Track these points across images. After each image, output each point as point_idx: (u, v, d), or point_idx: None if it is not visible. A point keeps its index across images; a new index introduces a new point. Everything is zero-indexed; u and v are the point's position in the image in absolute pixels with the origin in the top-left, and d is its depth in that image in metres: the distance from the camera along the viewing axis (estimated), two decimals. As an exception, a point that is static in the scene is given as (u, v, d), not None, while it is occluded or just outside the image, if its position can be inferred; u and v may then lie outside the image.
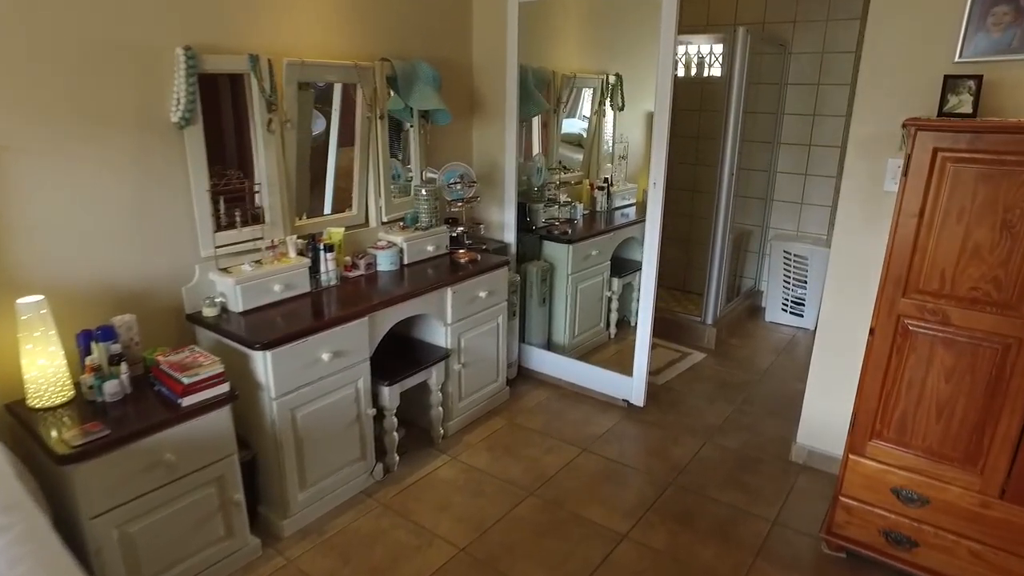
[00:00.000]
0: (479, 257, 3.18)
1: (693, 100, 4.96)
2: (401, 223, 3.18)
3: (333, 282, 2.76)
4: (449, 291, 2.90)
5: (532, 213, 3.83)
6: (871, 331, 2.10)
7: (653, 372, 3.83)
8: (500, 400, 3.42)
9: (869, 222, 2.48)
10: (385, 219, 3.14)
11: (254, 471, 2.38)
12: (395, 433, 2.79)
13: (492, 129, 3.54)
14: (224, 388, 2.08)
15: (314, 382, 2.36)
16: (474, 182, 3.17)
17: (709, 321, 4.24)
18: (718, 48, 4.80)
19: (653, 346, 3.87)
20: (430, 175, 3.26)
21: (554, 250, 3.72)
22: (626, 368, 3.37)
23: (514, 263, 3.59)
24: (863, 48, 2.40)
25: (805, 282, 4.53)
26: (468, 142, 3.64)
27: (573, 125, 4.43)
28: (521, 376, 3.73)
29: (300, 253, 2.69)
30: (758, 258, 4.93)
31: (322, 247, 2.71)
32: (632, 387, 3.37)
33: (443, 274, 2.96)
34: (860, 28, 4.16)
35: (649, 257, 3.13)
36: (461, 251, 3.17)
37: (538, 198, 3.90)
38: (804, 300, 4.57)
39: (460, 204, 3.08)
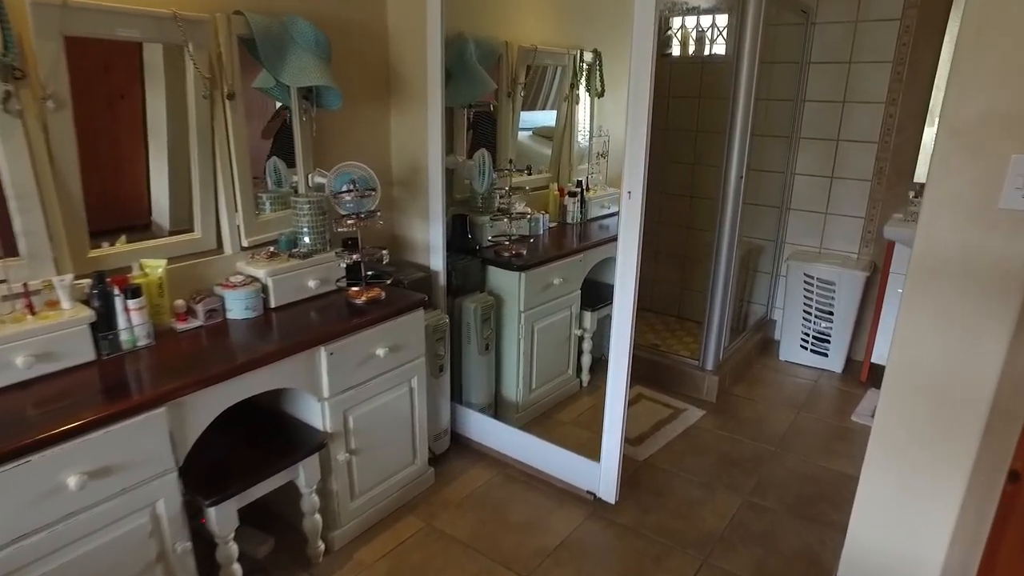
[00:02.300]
0: (383, 295, 2.25)
1: (691, 84, 4.01)
2: (271, 248, 2.24)
3: (143, 342, 1.83)
4: (322, 352, 1.97)
5: (474, 229, 2.90)
6: (1014, 475, 1.17)
7: (633, 440, 2.89)
8: (420, 488, 2.49)
9: (971, 257, 1.52)
10: (246, 243, 2.21)
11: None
12: (235, 567, 1.86)
13: (414, 117, 2.60)
14: None
15: (53, 524, 1.43)
16: (371, 190, 2.23)
17: (709, 366, 3.30)
18: (722, 19, 3.86)
19: (635, 400, 2.94)
20: (319, 180, 2.33)
21: (502, 279, 2.79)
22: (596, 440, 2.43)
23: (443, 299, 2.66)
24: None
25: (831, 313, 3.58)
26: (383, 135, 2.70)
27: (536, 114, 3.49)
28: (456, 447, 2.80)
29: (85, 301, 1.76)
30: (771, 280, 3.99)
31: (118, 291, 1.78)
32: (600, 476, 2.43)
33: (328, 322, 2.03)
34: (908, -13, 3.22)
35: (623, 297, 2.19)
36: (355, 288, 2.23)
37: (483, 209, 2.96)
38: (829, 336, 3.63)
39: (353, 222, 2.16)
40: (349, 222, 2.17)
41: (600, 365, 3.32)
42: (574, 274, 3.03)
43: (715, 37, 3.93)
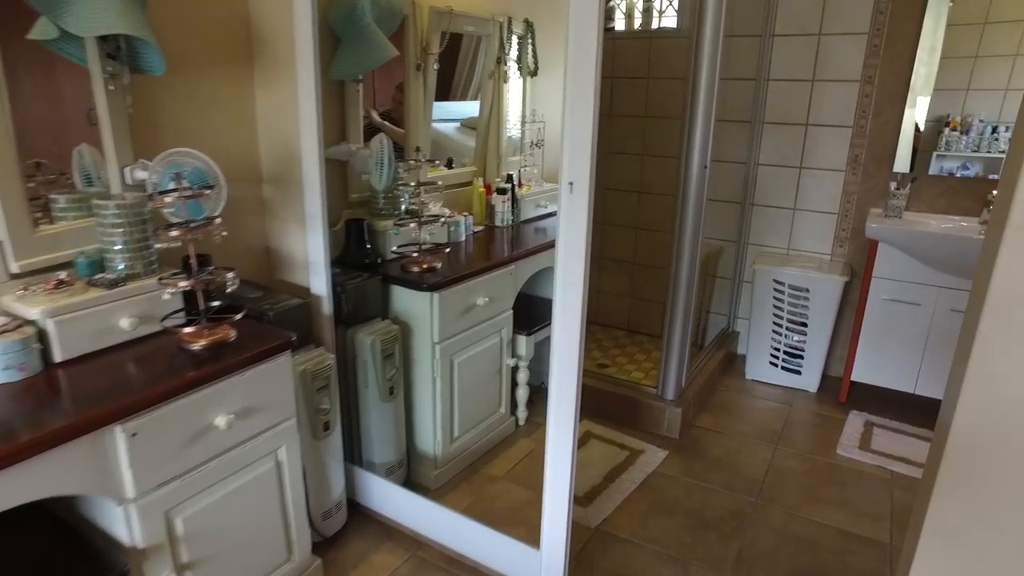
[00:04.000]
0: (233, 335, 1.59)
1: (638, 63, 3.47)
2: (62, 275, 1.55)
3: None
4: (119, 433, 1.30)
5: (375, 237, 2.26)
6: None
7: (582, 499, 2.31)
8: (301, 590, 1.84)
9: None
10: (16, 268, 1.51)
11: None
12: None
13: (285, 93, 1.94)
14: None
15: None
16: (208, 187, 1.57)
17: (670, 396, 2.75)
18: (672, -14, 3.33)
19: (584, 441, 2.38)
20: (140, 175, 1.65)
21: (409, 302, 2.16)
22: (537, 501, 1.83)
23: (330, 332, 2.01)
24: None
25: (804, 324, 3.09)
26: (247, 116, 2.03)
27: (452, 94, 2.87)
28: (357, 522, 2.16)
29: None
30: (733, 287, 3.48)
31: None
32: (541, 565, 1.83)
33: (136, 383, 1.37)
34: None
35: (565, 326, 1.59)
36: (189, 329, 1.56)
37: (386, 211, 2.33)
38: (803, 351, 3.14)
39: (178, 233, 1.50)
40: (172, 233, 1.50)
41: (540, 395, 2.73)
42: (504, 290, 2.43)
43: (664, 8, 3.40)
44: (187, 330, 1.55)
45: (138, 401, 1.33)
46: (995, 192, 2.74)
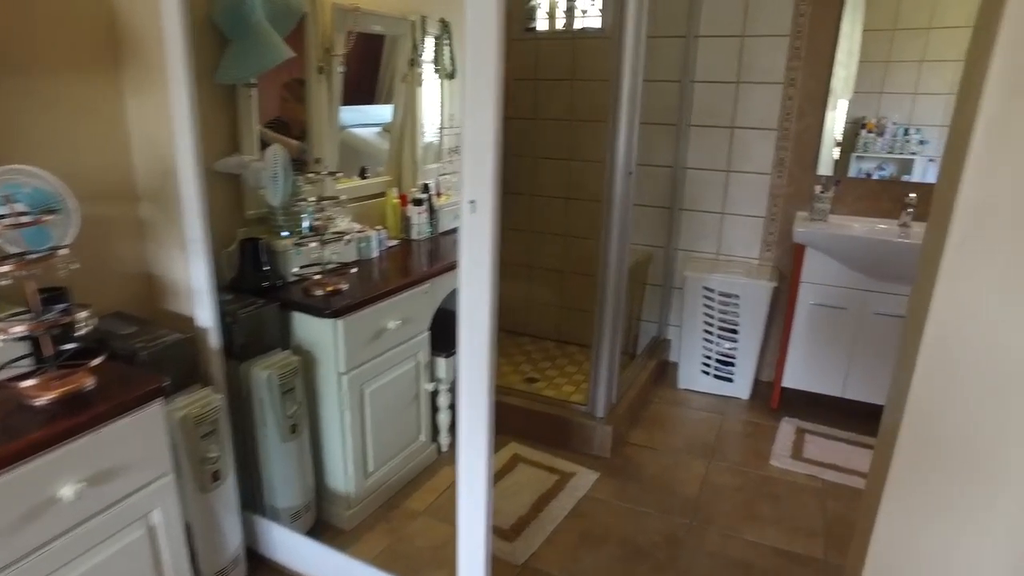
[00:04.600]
0: (90, 383, 1.37)
1: (562, 65, 3.35)
2: None
3: None
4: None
5: (273, 258, 2.05)
6: None
7: (508, 532, 2.16)
8: (189, 665, 1.62)
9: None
10: None
11: None
12: None
13: (157, 99, 1.71)
14: None
15: None
16: (52, 211, 1.34)
17: (600, 413, 2.63)
18: (593, -15, 3.22)
19: (510, 467, 2.24)
20: (-27, 197, 1.40)
21: (312, 329, 1.96)
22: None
23: (219, 368, 1.79)
24: None
25: (735, 331, 3.03)
26: (116, 125, 1.78)
27: (363, 98, 2.68)
28: (260, 574, 1.94)
29: None
30: (663, 293, 3.40)
31: None
32: (460, 619, 1.67)
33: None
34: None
35: (472, 360, 1.43)
36: (31, 381, 1.33)
37: (286, 229, 2.11)
38: (734, 358, 3.08)
39: (10, 268, 1.27)
40: (3, 269, 1.27)
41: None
42: (419, 310, 2.25)
43: (587, 8, 3.29)
44: (28, 383, 1.32)
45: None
46: (912, 195, 2.74)
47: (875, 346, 2.75)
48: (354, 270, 2.13)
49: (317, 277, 2.01)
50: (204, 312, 1.75)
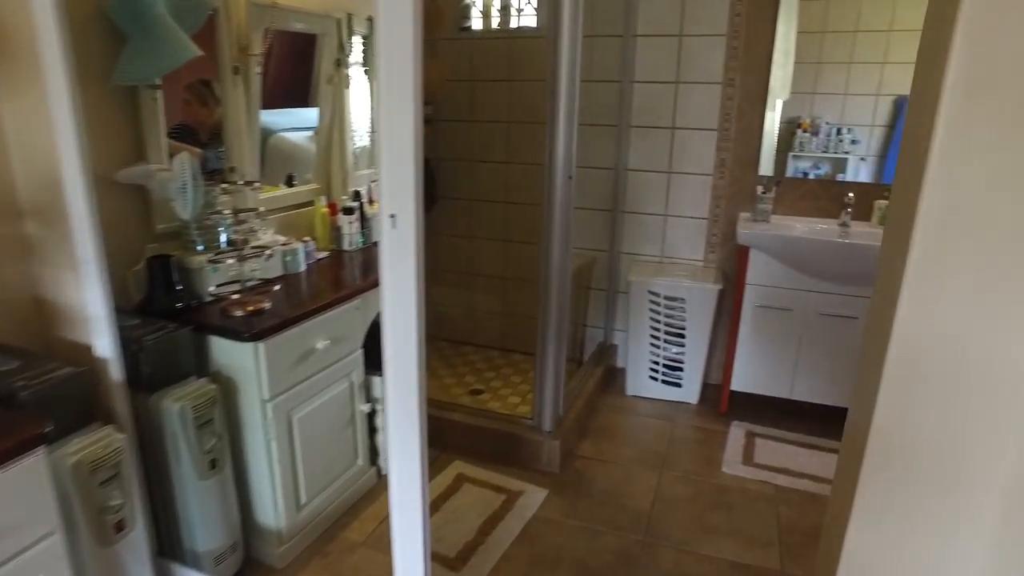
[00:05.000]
0: (-44, 434, 1.17)
1: (498, 65, 3.24)
2: None
3: None
4: None
5: (187, 277, 1.86)
6: None
7: (454, 560, 2.03)
8: None
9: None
10: None
11: None
12: None
13: (34, 100, 1.51)
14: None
15: None
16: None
17: (547, 427, 2.53)
18: (529, -17, 3.12)
19: (455, 488, 2.11)
20: None
21: (231, 354, 1.78)
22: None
23: (123, 403, 1.60)
24: None
25: (683, 335, 2.98)
26: (-7, 131, 1.57)
27: (290, 101, 2.52)
28: (179, 626, 1.76)
29: None
30: (607, 298, 3.33)
31: None
32: (401, 668, 1.53)
33: None
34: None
35: (399, 385, 1.29)
36: None
37: (201, 244, 1.93)
38: (682, 363, 3.03)
39: None
40: None
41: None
42: (352, 327, 2.10)
43: (523, 5, 3.19)
44: None
45: None
46: (851, 195, 2.75)
47: (821, 346, 2.74)
48: (278, 287, 1.96)
49: (236, 296, 1.83)
50: (103, 340, 1.56)
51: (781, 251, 2.69)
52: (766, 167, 2.92)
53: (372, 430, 2.30)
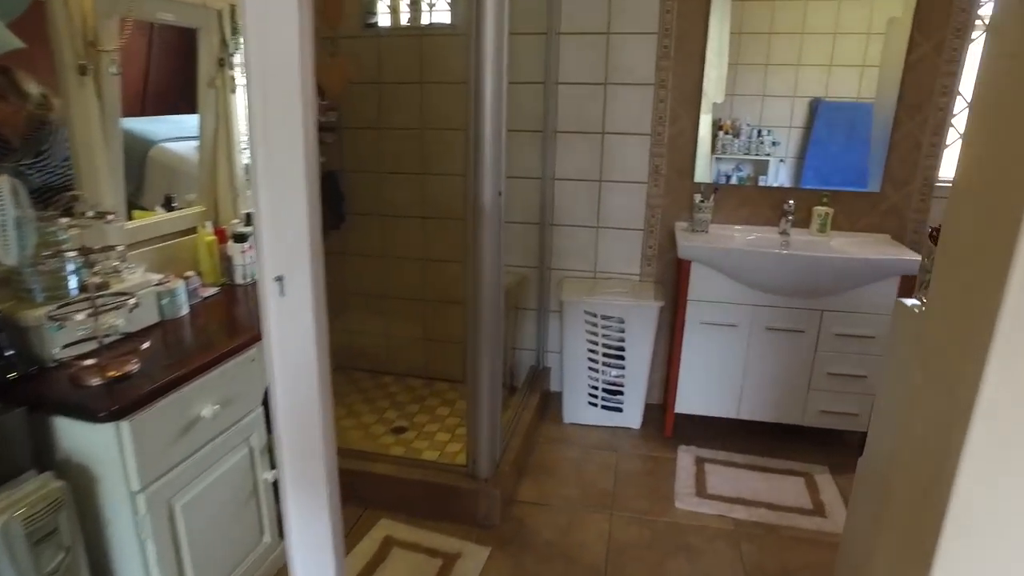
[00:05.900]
0: None
1: (409, 66, 2.92)
2: None
3: None
4: None
5: (20, 338, 1.45)
6: None
7: (388, 658, 1.70)
8: None
9: None
10: None
11: None
12: None
13: None
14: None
15: None
16: None
17: (484, 474, 2.24)
18: (439, -26, 2.82)
19: (381, 556, 1.79)
20: None
21: (84, 438, 1.39)
22: None
23: (-79, 523, 1.18)
24: None
25: (622, 357, 2.76)
26: None
27: (169, 107, 2.11)
28: None
29: None
30: (538, 318, 3.07)
31: None
32: None
33: None
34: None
35: (297, 483, 0.97)
36: None
37: (41, 293, 1.51)
38: (622, 386, 2.81)
39: None
40: None
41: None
42: (247, 383, 1.73)
43: (434, 0, 2.88)
44: None
45: None
46: (791, 202, 2.61)
47: (767, 362, 2.59)
48: (147, 343, 1.57)
49: (87, 363, 1.43)
50: None
51: (725, 264, 2.51)
52: (702, 174, 2.74)
53: (279, 500, 1.93)
